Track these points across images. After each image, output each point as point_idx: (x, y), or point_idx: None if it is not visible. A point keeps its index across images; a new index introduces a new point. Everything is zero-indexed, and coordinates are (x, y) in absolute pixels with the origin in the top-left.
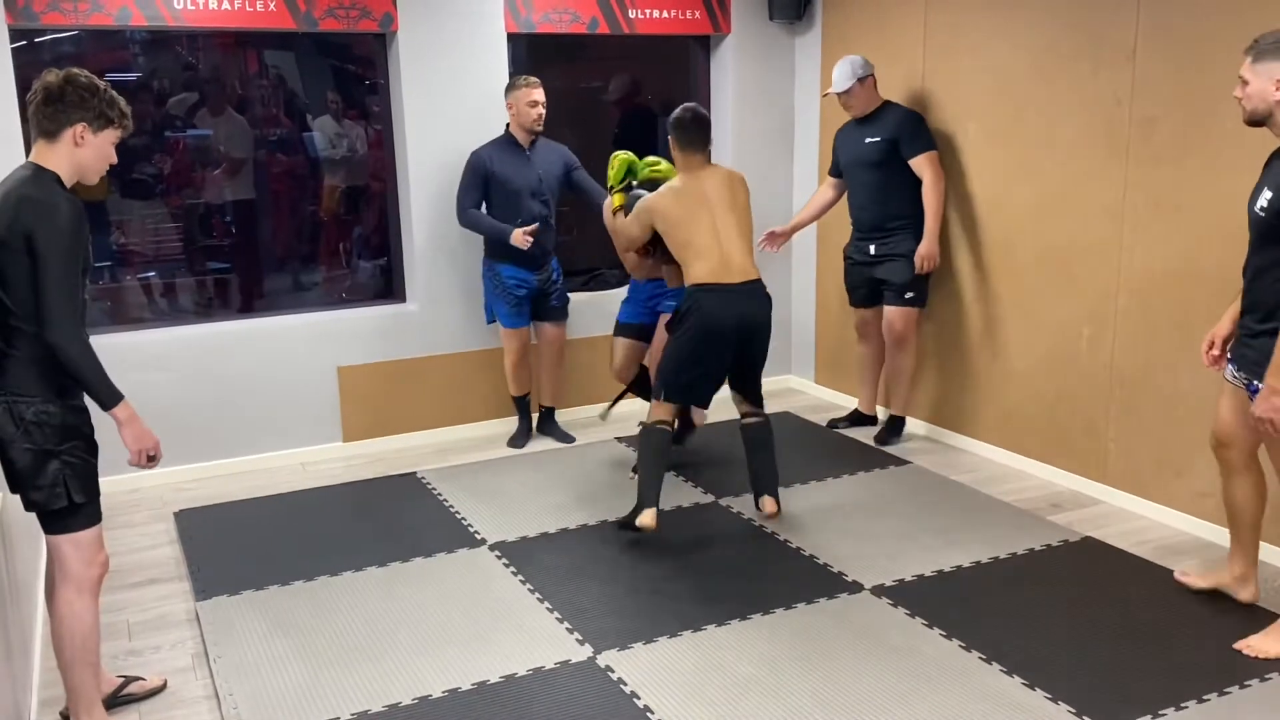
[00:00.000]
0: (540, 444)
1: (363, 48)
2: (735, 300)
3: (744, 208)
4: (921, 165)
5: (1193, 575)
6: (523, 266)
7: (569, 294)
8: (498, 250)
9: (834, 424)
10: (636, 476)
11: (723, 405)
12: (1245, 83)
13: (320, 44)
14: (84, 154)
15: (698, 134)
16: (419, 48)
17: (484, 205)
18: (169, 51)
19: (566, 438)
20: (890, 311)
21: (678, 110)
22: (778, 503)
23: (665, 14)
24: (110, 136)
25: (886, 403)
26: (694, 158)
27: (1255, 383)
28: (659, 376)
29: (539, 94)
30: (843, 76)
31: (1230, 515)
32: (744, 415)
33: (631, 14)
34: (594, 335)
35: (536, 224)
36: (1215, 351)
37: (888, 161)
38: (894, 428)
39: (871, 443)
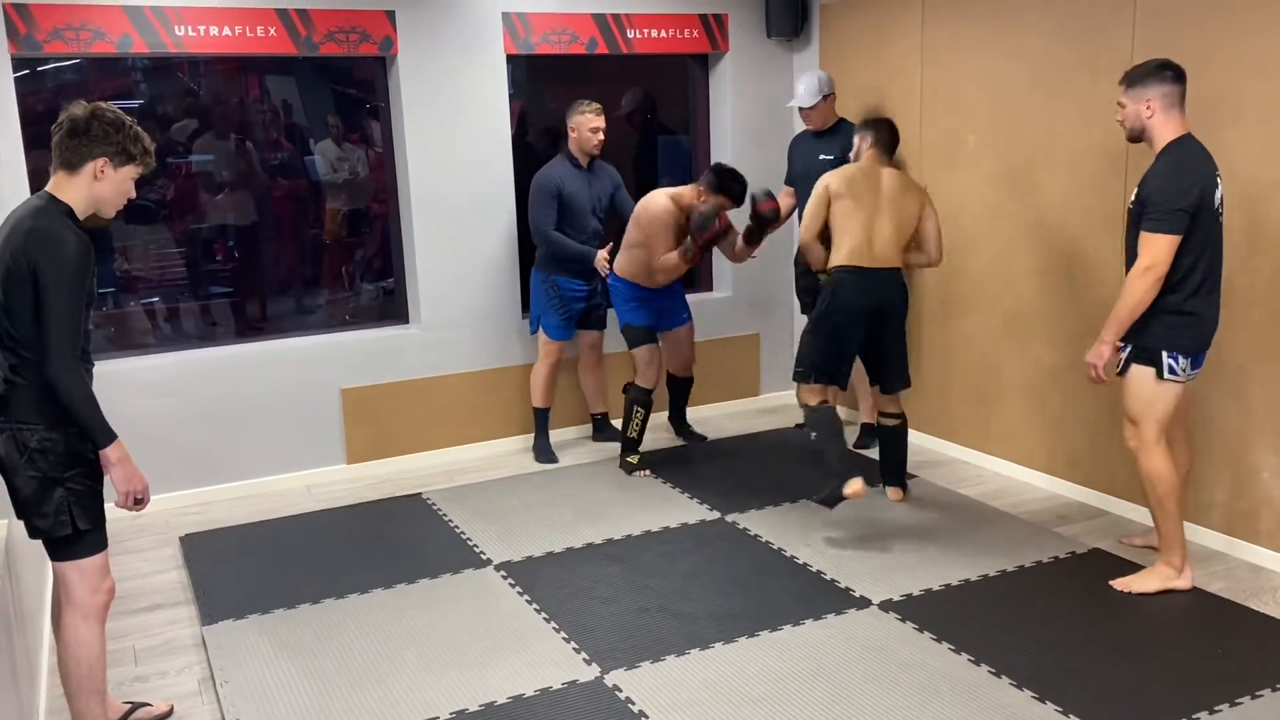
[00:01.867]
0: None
1: (363, 71)
2: (869, 281)
3: (905, 210)
4: None
5: (1131, 536)
6: (578, 277)
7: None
8: (559, 265)
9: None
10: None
11: (733, 419)
12: (1122, 106)
13: (321, 68)
14: (103, 188)
15: (892, 139)
16: (419, 71)
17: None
18: (171, 78)
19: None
20: None
21: (876, 116)
22: (904, 491)
23: (663, 33)
24: (130, 173)
25: (862, 410)
26: (880, 159)
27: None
28: (803, 360)
29: (601, 121)
30: (809, 92)
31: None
32: (881, 414)
33: (630, 34)
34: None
35: (611, 243)
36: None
37: None
38: (870, 433)
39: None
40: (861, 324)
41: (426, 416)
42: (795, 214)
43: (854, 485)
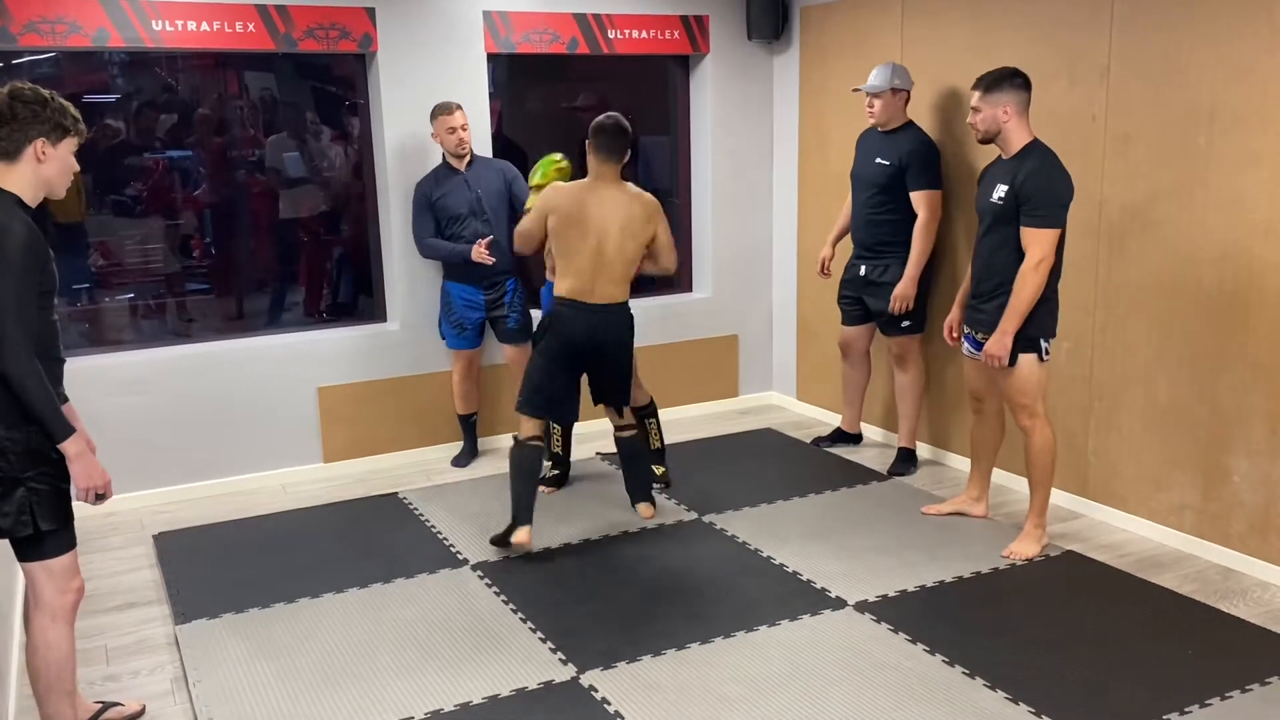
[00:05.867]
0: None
1: (343, 68)
2: (588, 318)
3: (637, 236)
4: (920, 201)
5: (935, 506)
6: (471, 284)
7: (530, 312)
8: (450, 270)
9: (818, 442)
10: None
11: (711, 420)
12: (977, 111)
13: (300, 65)
14: (48, 169)
15: (616, 143)
16: (399, 68)
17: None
18: (149, 73)
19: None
20: (888, 340)
21: (601, 116)
22: (653, 505)
23: (644, 34)
24: (70, 145)
25: (897, 432)
26: (606, 167)
27: (978, 337)
28: (521, 390)
29: (455, 119)
30: (881, 79)
31: (974, 450)
32: (616, 428)
33: (611, 34)
34: None
35: (491, 236)
36: (955, 334)
37: (891, 187)
38: (906, 459)
39: (855, 459)
40: (581, 360)
41: (404, 415)
42: (848, 211)
43: (520, 534)
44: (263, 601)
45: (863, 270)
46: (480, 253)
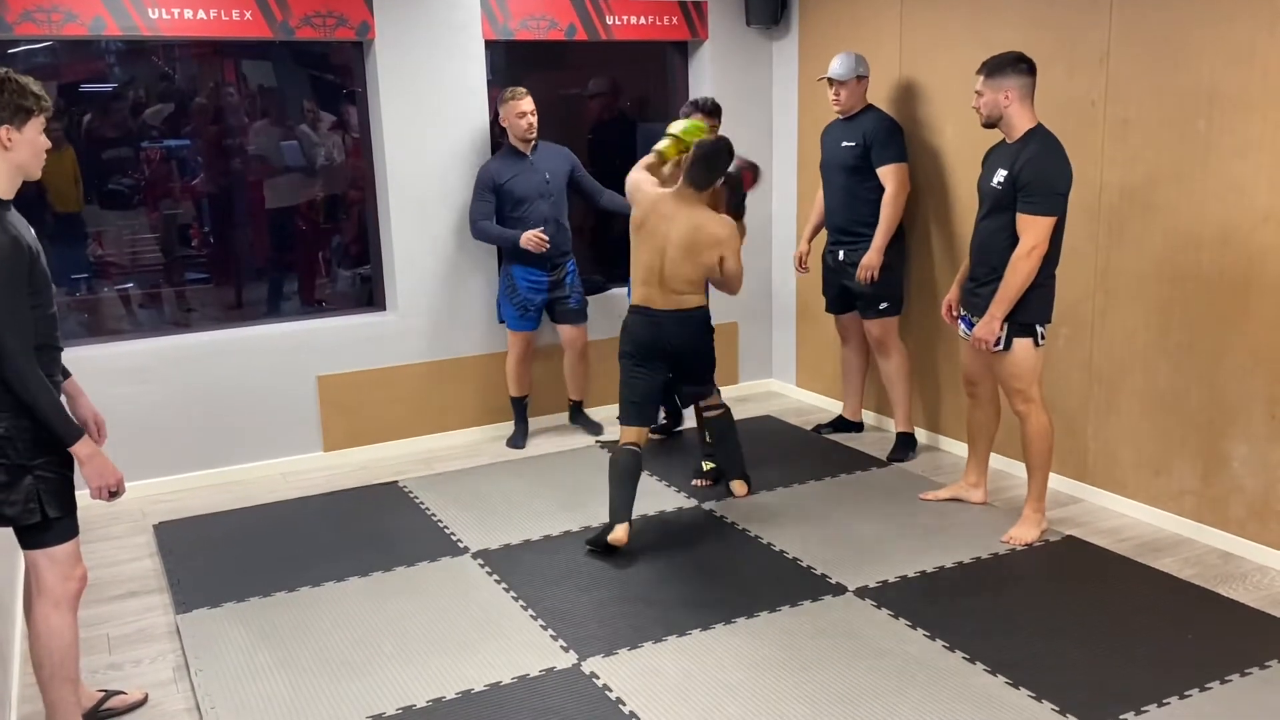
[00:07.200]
0: (529, 449)
1: (340, 56)
2: (656, 323)
3: (699, 260)
4: (887, 175)
5: (933, 492)
6: (535, 267)
7: (586, 295)
8: (514, 254)
9: (819, 429)
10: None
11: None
12: (980, 95)
13: (297, 53)
14: (19, 155)
15: (704, 173)
16: (396, 56)
17: (497, 214)
18: (146, 61)
19: (596, 428)
20: (867, 323)
21: (710, 139)
22: (747, 483)
23: (643, 20)
24: (37, 125)
25: (893, 418)
26: (689, 189)
27: (974, 319)
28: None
29: (525, 105)
30: (845, 67)
31: (971, 436)
32: (703, 409)
33: (609, 20)
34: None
35: (543, 226)
36: (954, 313)
37: (860, 167)
38: (904, 444)
39: (854, 445)
40: (658, 363)
41: (404, 404)
42: (821, 207)
43: (617, 532)
44: (264, 590)
45: (841, 255)
46: (529, 240)
